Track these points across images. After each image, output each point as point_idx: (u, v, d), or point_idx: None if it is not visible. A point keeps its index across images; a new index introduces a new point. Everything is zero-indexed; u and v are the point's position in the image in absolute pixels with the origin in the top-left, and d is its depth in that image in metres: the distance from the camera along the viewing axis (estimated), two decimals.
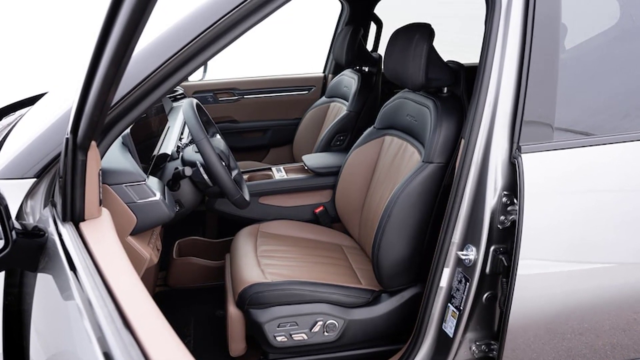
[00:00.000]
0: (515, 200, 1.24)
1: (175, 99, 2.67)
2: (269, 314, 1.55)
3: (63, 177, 0.95)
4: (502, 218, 1.28)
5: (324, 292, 1.59)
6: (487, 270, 1.31)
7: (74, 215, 0.97)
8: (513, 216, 1.26)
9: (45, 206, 1.05)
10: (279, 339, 1.56)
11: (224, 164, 1.60)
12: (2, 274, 1.02)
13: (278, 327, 1.55)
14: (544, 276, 1.30)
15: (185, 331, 1.95)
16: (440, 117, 1.56)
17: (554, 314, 1.33)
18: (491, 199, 1.28)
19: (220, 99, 3.11)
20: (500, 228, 1.29)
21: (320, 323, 1.57)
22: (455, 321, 1.38)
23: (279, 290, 1.56)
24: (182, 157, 1.73)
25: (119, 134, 1.12)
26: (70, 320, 0.79)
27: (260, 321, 1.55)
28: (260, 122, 3.18)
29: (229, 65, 4.12)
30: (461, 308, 1.36)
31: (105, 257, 0.87)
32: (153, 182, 1.35)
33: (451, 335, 1.40)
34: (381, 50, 2.29)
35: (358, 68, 2.77)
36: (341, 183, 2.06)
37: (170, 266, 2.15)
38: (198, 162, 1.62)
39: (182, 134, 2.08)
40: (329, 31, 3.18)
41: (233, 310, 1.63)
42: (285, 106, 3.20)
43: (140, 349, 0.65)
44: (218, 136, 1.86)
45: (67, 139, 0.91)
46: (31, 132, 1.14)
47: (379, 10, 3.03)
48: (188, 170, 1.55)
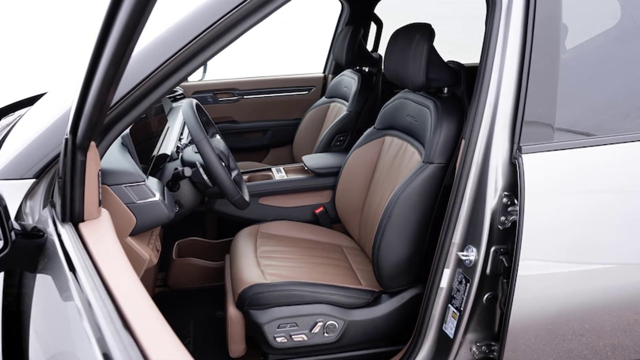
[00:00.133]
0: (515, 201, 1.24)
1: (175, 99, 2.67)
2: (268, 315, 1.55)
3: (62, 178, 0.95)
4: (503, 219, 1.28)
5: (324, 293, 1.59)
6: (488, 271, 1.31)
7: (73, 215, 0.97)
8: (513, 217, 1.26)
9: (44, 207, 1.05)
10: (278, 339, 1.56)
11: (223, 164, 1.60)
12: (1, 275, 1.02)
13: (278, 328, 1.55)
14: (544, 277, 1.29)
15: (185, 332, 1.95)
16: (441, 118, 1.56)
17: (554, 315, 1.33)
18: (492, 199, 1.28)
19: (220, 99, 3.10)
20: (501, 229, 1.29)
21: (320, 324, 1.57)
22: (455, 322, 1.38)
23: (279, 291, 1.56)
24: (182, 158, 1.73)
25: (118, 135, 1.12)
26: (70, 321, 0.78)
27: (260, 322, 1.54)
28: (260, 123, 3.17)
29: (228, 66, 4.12)
30: (461, 309, 1.35)
31: (104, 258, 0.86)
32: (152, 183, 1.35)
33: (451, 336, 1.40)
34: (381, 50, 2.29)
35: (358, 68, 2.76)
36: (341, 184, 2.06)
37: (170, 267, 2.14)
38: (198, 163, 1.62)
39: (182, 134, 2.08)
40: (329, 31, 3.18)
41: (233, 311, 1.63)
42: (285, 106, 3.20)
43: (139, 349, 0.65)
44: (218, 136, 1.86)
45: (67, 140, 0.90)
46: (30, 133, 1.14)
47: (379, 10, 3.03)
48: (188, 171, 1.55)
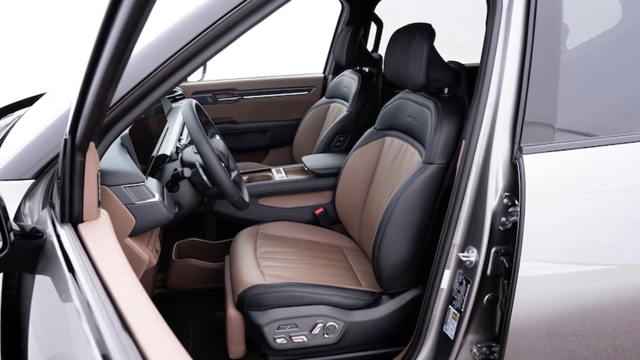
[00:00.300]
0: (516, 202, 1.24)
1: (175, 100, 2.67)
2: (268, 316, 1.54)
3: (61, 178, 0.94)
4: (503, 219, 1.28)
5: (324, 294, 1.58)
6: (488, 272, 1.31)
7: (73, 216, 0.96)
8: (514, 217, 1.25)
9: (43, 207, 1.05)
10: (278, 341, 1.55)
11: (223, 165, 1.60)
12: (0, 276, 1.02)
13: (278, 329, 1.55)
14: (545, 278, 1.29)
15: (185, 333, 1.95)
16: (441, 118, 1.55)
17: (555, 316, 1.33)
18: (492, 200, 1.28)
19: (219, 99, 3.10)
20: (502, 229, 1.28)
21: (320, 325, 1.56)
22: (456, 323, 1.37)
23: (279, 292, 1.56)
24: (181, 158, 1.73)
25: (117, 135, 1.11)
26: (69, 322, 0.78)
27: (259, 323, 1.54)
28: (259, 123, 3.17)
29: (228, 66, 4.12)
30: (462, 310, 1.35)
31: (103, 259, 0.86)
32: (152, 184, 1.35)
33: (452, 337, 1.39)
34: (381, 50, 2.29)
35: (358, 68, 2.76)
36: (341, 184, 2.06)
37: (170, 268, 2.14)
38: (197, 163, 1.61)
39: (181, 134, 2.08)
40: (329, 31, 3.18)
41: (232, 312, 1.62)
42: (285, 107, 3.20)
43: (139, 351, 0.65)
44: (217, 137, 1.86)
45: (66, 140, 0.90)
46: (29, 133, 1.14)
47: (379, 10, 3.03)
48: (187, 172, 1.55)
